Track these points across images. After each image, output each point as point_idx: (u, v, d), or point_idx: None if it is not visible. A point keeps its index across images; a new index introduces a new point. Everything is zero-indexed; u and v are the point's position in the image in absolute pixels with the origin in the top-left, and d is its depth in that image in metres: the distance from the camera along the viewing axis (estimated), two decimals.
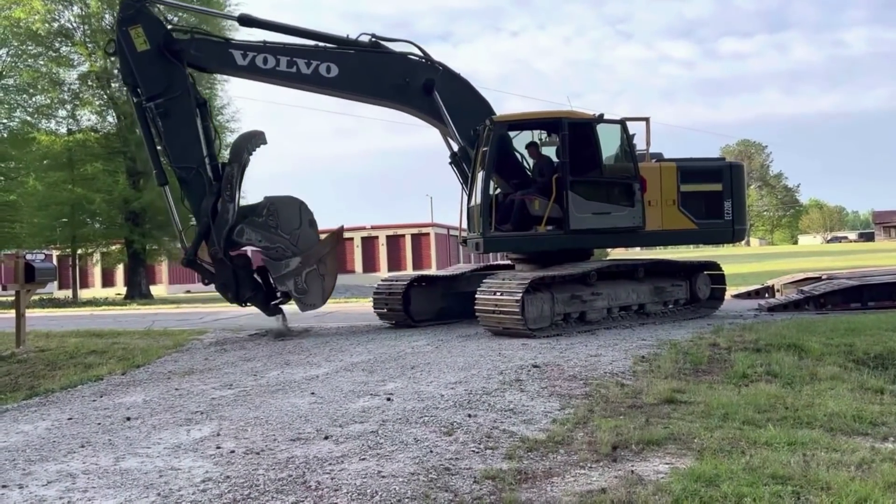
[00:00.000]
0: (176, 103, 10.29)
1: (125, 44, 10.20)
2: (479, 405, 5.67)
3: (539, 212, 10.21)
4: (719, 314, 11.82)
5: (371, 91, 11.15)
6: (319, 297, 10.87)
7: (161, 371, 8.64)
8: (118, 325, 14.35)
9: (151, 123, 10.41)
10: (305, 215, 10.75)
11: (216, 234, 10.35)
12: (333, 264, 11.05)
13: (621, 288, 10.60)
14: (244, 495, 3.85)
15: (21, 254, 12.21)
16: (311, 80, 10.80)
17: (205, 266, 10.81)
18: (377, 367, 7.63)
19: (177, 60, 10.28)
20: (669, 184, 10.97)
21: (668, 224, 10.92)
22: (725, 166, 11.58)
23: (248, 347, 10.14)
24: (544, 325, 9.49)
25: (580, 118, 10.44)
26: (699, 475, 3.92)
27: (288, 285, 10.58)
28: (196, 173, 10.38)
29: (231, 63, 10.67)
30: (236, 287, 10.69)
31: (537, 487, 3.93)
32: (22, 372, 10.61)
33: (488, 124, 10.32)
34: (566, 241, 10.42)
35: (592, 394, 6.05)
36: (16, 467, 4.63)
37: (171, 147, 10.36)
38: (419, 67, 11.09)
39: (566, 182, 10.10)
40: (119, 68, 10.72)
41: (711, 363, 7.65)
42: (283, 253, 10.57)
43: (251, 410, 5.90)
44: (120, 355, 10.53)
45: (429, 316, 11.63)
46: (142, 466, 4.49)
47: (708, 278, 11.85)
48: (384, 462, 4.32)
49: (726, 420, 5.17)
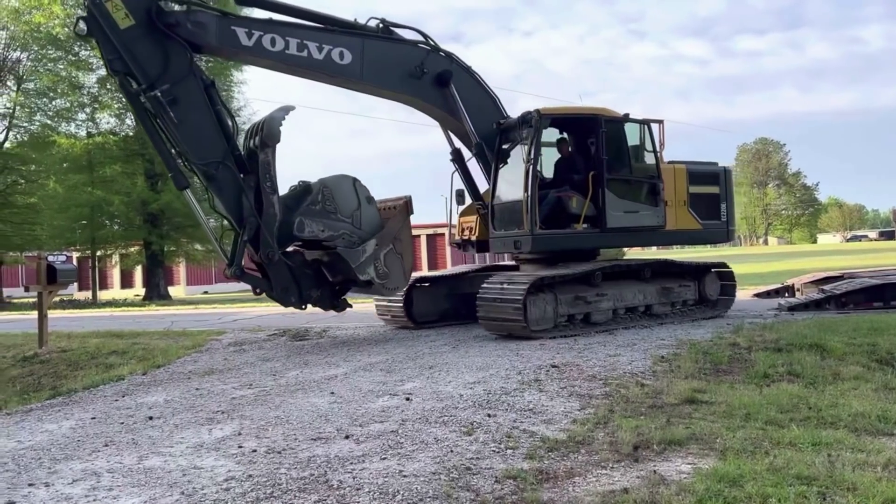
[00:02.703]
0: (183, 88, 8.63)
1: (103, 21, 8.27)
2: (499, 405, 5.67)
3: (577, 209, 9.96)
4: (738, 314, 11.72)
5: (384, 81, 10.17)
6: (402, 277, 9.96)
7: (181, 371, 8.71)
8: (138, 325, 14.49)
9: (152, 117, 8.74)
10: (362, 192, 9.67)
11: (268, 233, 8.94)
12: (409, 239, 10.16)
13: (627, 289, 10.40)
14: (267, 494, 3.88)
15: (43, 255, 12.21)
16: (322, 67, 9.57)
17: (255, 275, 9.40)
18: (395, 367, 7.64)
19: (173, 36, 8.58)
20: (681, 185, 11.03)
21: (680, 224, 10.98)
22: (721, 170, 11.83)
23: (266, 348, 10.20)
24: (547, 327, 9.27)
25: (615, 116, 10.36)
26: (722, 475, 3.90)
27: (369, 272, 9.50)
28: (224, 167, 8.83)
29: (234, 42, 9.04)
30: (299, 289, 9.44)
31: (559, 487, 3.92)
32: (45, 372, 10.76)
33: (536, 116, 9.85)
34: (602, 240, 10.37)
35: (612, 394, 6.03)
36: (41, 466, 4.69)
37: (187, 141, 8.70)
38: (435, 58, 10.43)
39: (603, 180, 9.98)
40: (102, 54, 8.63)
41: (732, 363, 7.59)
42: (351, 238, 9.46)
43: (271, 410, 5.94)
44: (140, 355, 10.64)
45: (432, 318, 11.34)
46: (165, 465, 4.53)
47: (717, 279, 11.71)
48: (405, 461, 4.33)
49: (748, 420, 5.13)
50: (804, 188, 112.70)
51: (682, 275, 11.29)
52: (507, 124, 10.54)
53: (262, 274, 9.30)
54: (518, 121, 10.18)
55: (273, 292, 9.34)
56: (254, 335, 11.62)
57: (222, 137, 8.88)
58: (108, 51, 8.41)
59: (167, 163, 8.98)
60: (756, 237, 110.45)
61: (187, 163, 8.87)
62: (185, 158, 8.85)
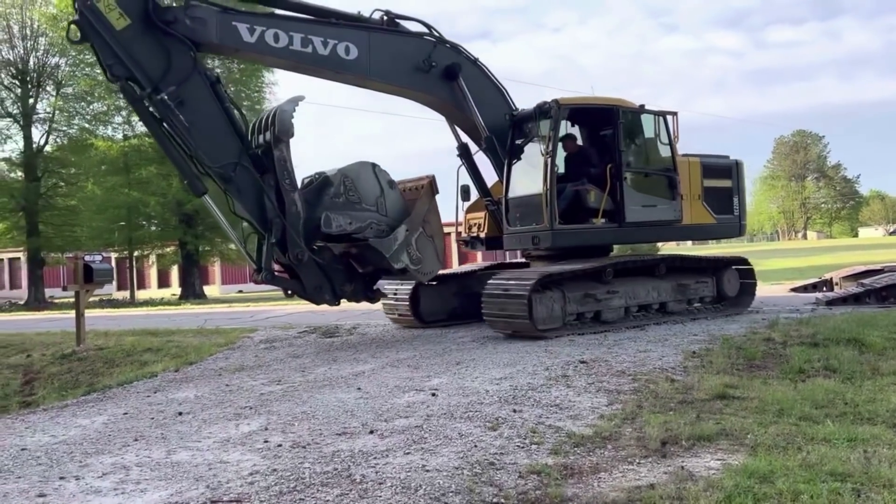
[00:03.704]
0: (189, 88, 8.21)
1: (97, 23, 7.76)
2: (525, 400, 5.61)
3: (595, 204, 9.69)
4: (773, 308, 11.48)
5: (392, 76, 9.71)
6: (435, 260, 9.60)
7: (213, 368, 8.82)
8: (172, 323, 14.71)
9: (159, 122, 8.31)
10: (383, 177, 9.32)
11: (294, 233, 8.61)
12: (437, 220, 9.72)
13: (640, 285, 10.00)
14: (290, 488, 3.89)
15: (80, 255, 12.46)
16: (327, 63, 9.14)
17: (284, 277, 9.14)
18: (422, 363, 7.63)
19: (172, 33, 8.13)
20: (696, 178, 10.78)
21: (695, 219, 10.69)
22: (733, 163, 11.54)
23: (296, 345, 10.27)
24: (555, 326, 8.89)
25: (632, 107, 10.15)
26: (753, 471, 3.80)
27: (403, 260, 9.18)
28: (241, 168, 8.47)
29: (236, 38, 8.56)
30: (332, 286, 9.16)
31: (584, 483, 3.86)
32: (82, 369, 10.99)
33: (555, 106, 9.58)
34: (620, 235, 10.12)
35: (641, 389, 5.93)
36: (73, 460, 4.77)
37: (199, 144, 8.28)
38: (442, 50, 10.00)
39: (621, 173, 9.72)
40: (99, 60, 8.15)
41: (766, 358, 7.43)
42: (380, 227, 9.12)
43: (298, 405, 5.97)
44: (174, 353, 10.80)
45: (440, 317, 11.02)
46: (192, 459, 4.58)
47: (736, 274, 11.32)
48: (428, 456, 4.31)
49: (781, 416, 5.00)
50: (844, 181, 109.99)
51: (698, 271, 10.95)
52: (522, 116, 10.22)
53: (292, 275, 9.07)
54: (534, 112, 9.89)
55: (305, 293, 9.09)
56: (285, 332, 11.72)
57: (235, 136, 8.53)
58: (106, 55, 7.94)
59: (180, 169, 8.60)
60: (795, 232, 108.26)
61: (202, 166, 8.47)
62: (199, 162, 8.43)
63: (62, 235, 31.79)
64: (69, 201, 32.33)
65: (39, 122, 32.13)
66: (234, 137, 8.50)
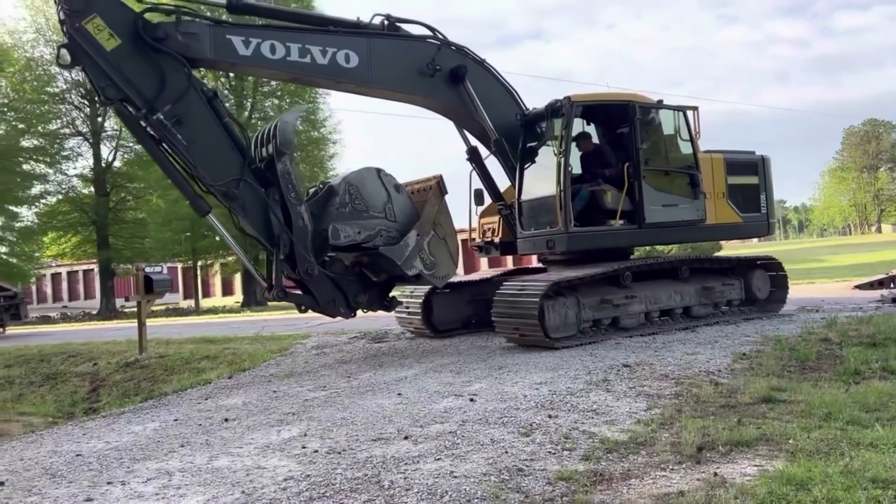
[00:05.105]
0: (186, 105, 7.96)
1: (86, 45, 7.51)
2: (562, 406, 5.57)
3: (612, 204, 9.32)
4: (834, 307, 11.04)
5: (395, 82, 9.39)
6: (450, 263, 9.29)
7: (263, 374, 9.05)
8: (231, 331, 15.14)
9: (157, 142, 8.09)
10: (389, 182, 9.02)
11: (302, 247, 8.40)
12: (449, 221, 9.36)
13: (661, 289, 9.57)
14: (320, 494, 3.96)
15: (140, 267, 12.94)
16: (327, 72, 8.88)
17: (296, 293, 9.00)
18: (465, 368, 7.65)
19: (165, 50, 7.86)
20: (719, 176, 10.36)
21: (720, 218, 10.27)
22: (759, 159, 11.03)
23: (345, 350, 10.44)
24: (569, 334, 8.53)
25: (649, 103, 9.79)
26: (789, 478, 3.68)
27: (416, 266, 8.91)
28: (244, 184, 8.24)
29: (231, 52, 8.28)
30: (345, 298, 8.95)
31: (612, 489, 3.81)
32: (144, 377, 11.44)
33: (567, 104, 9.26)
34: (640, 237, 9.72)
35: (683, 393, 5.81)
36: (121, 465, 4.98)
37: (200, 162, 8.05)
38: (446, 53, 9.66)
39: (639, 172, 9.35)
40: (92, 83, 7.95)
41: (820, 359, 7.17)
42: (390, 234, 8.86)
43: (339, 411, 6.07)
44: (230, 360, 11.14)
45: (454, 325, 10.79)
46: (231, 465, 4.71)
47: (766, 276, 10.83)
48: (458, 462, 4.32)
49: (828, 420, 4.82)
50: None
51: (724, 273, 10.47)
52: (533, 115, 9.93)
53: (303, 290, 8.87)
54: (546, 110, 9.58)
55: (319, 307, 8.86)
56: (336, 338, 11.92)
57: (236, 152, 8.28)
58: (98, 78, 7.67)
59: (182, 189, 8.30)
60: (868, 225, 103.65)
61: (203, 185, 8.27)
62: (201, 181, 8.22)
63: (131, 247, 33.11)
64: (137, 214, 33.64)
65: (108, 140, 33.56)
66: (235, 153, 8.28)
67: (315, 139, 32.30)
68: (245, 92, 30.35)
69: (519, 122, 10.03)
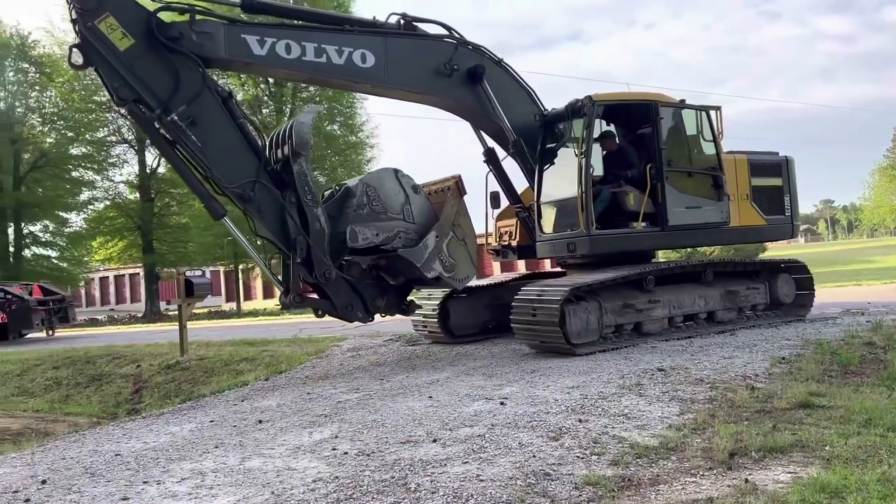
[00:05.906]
0: (200, 106, 7.80)
1: (100, 45, 7.37)
2: (592, 410, 5.52)
3: (635, 206, 9.11)
4: (880, 310, 10.71)
5: (412, 82, 9.22)
6: (469, 265, 9.12)
7: (299, 376, 9.17)
8: (270, 333, 15.37)
9: (171, 144, 7.97)
10: (407, 183, 8.87)
11: (319, 251, 8.22)
12: (468, 222, 9.20)
13: (685, 293, 9.36)
14: (347, 495, 4.00)
15: (181, 271, 13.22)
16: (343, 73, 8.74)
17: (313, 297, 8.76)
18: (497, 371, 7.63)
19: (179, 50, 7.70)
20: (742, 177, 10.15)
21: (743, 220, 10.05)
22: (783, 160, 10.79)
23: (380, 353, 10.51)
24: (591, 340, 8.34)
25: (672, 102, 9.61)
26: (823, 485, 3.59)
27: (435, 268, 8.75)
28: (260, 186, 8.06)
29: (246, 52, 8.13)
30: (363, 302, 8.80)
31: (640, 495, 3.76)
32: (184, 378, 11.69)
33: (589, 104, 9.07)
34: (663, 240, 9.51)
35: (717, 398, 5.70)
36: (157, 465, 5.09)
37: (215, 164, 7.87)
38: (464, 52, 9.51)
39: (662, 173, 9.15)
40: (105, 84, 7.78)
41: (863, 364, 6.98)
42: (408, 236, 8.72)
43: (370, 413, 6.11)
44: (267, 362, 11.31)
45: (472, 330, 10.60)
46: (263, 466, 4.79)
47: (791, 280, 10.56)
48: (485, 466, 4.31)
49: (867, 426, 4.68)
50: None
51: (748, 276, 10.24)
52: (553, 115, 9.76)
53: (320, 294, 8.67)
54: (567, 111, 9.38)
55: (337, 311, 8.70)
56: (371, 340, 12.01)
57: (251, 153, 8.11)
58: (111, 79, 7.53)
59: (197, 192, 8.16)
60: None
61: (218, 188, 8.10)
62: (216, 183, 8.05)
63: (174, 251, 33.85)
64: (180, 219, 34.38)
65: (152, 147, 34.38)
66: (250, 154, 8.11)
67: (353, 143, 32.58)
68: (284, 98, 30.77)
69: (538, 122, 9.91)
